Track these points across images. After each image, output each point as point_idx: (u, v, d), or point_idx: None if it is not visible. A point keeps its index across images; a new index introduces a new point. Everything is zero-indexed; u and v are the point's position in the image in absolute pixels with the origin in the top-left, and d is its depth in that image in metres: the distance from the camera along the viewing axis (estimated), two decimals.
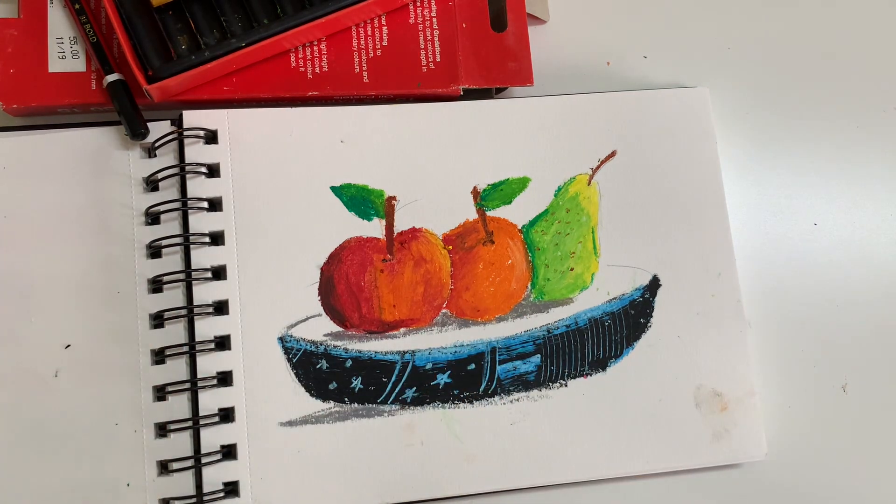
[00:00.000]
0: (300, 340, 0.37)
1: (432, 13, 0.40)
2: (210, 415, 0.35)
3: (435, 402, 0.37)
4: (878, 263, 0.44)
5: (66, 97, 0.36)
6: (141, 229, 0.36)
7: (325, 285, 0.37)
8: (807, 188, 0.44)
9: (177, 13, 0.37)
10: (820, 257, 0.44)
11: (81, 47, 0.37)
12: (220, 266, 0.36)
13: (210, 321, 0.36)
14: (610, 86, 0.42)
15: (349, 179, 0.38)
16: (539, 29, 0.43)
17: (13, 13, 0.37)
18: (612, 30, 0.44)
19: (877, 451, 0.42)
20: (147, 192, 0.37)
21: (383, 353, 0.37)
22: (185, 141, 0.37)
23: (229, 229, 0.37)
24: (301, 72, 0.38)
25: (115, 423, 0.35)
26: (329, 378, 0.37)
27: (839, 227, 0.44)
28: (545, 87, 0.41)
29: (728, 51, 0.45)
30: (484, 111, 0.40)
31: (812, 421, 0.42)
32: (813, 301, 0.43)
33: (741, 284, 0.40)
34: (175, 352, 0.36)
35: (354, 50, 0.39)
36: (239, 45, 0.36)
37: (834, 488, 0.41)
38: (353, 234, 0.38)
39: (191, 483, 0.35)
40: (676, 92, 0.42)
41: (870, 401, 0.42)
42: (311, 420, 0.36)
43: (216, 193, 0.37)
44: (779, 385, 0.42)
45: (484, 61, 0.40)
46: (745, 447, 0.39)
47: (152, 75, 0.35)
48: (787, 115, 0.45)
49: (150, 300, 0.36)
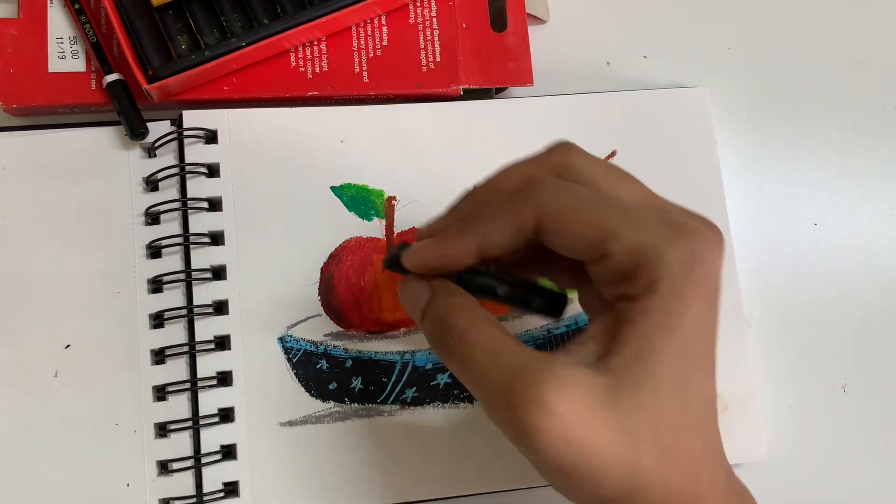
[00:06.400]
0: (300, 340, 0.37)
1: (432, 13, 0.40)
2: (210, 415, 0.35)
3: (435, 402, 0.37)
4: (878, 263, 0.44)
5: (66, 97, 0.36)
6: (141, 229, 0.36)
7: (325, 285, 0.37)
8: (807, 188, 0.44)
9: (177, 13, 0.37)
10: (820, 257, 0.44)
11: (81, 47, 0.37)
12: (220, 266, 0.36)
13: (210, 321, 0.36)
14: (610, 86, 0.42)
15: (349, 179, 0.38)
16: (539, 29, 0.43)
17: (13, 13, 0.37)
18: (612, 30, 0.44)
19: (877, 451, 0.42)
20: (147, 192, 0.37)
21: (383, 353, 0.37)
22: (185, 141, 0.37)
23: (229, 229, 0.37)
24: (301, 72, 0.38)
25: (115, 423, 0.35)
26: (329, 378, 0.37)
27: (839, 227, 0.44)
28: (545, 87, 0.41)
29: (728, 51, 0.45)
30: (484, 111, 0.40)
31: (812, 421, 0.42)
32: (813, 301, 0.43)
33: (741, 284, 0.40)
34: (175, 352, 0.36)
35: (354, 50, 0.39)
36: (239, 44, 0.36)
37: (834, 488, 0.41)
38: (353, 234, 0.38)
39: (191, 483, 0.35)
40: (676, 92, 0.42)
41: (870, 401, 0.42)
42: (311, 420, 0.36)
43: (216, 193, 0.37)
44: (779, 385, 0.42)
45: (484, 61, 0.40)
46: (745, 447, 0.39)
47: (152, 75, 0.35)
48: (787, 115, 0.45)
49: (150, 300, 0.36)
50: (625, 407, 0.25)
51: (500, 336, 0.27)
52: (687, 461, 0.25)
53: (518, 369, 0.25)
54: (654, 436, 0.25)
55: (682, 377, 0.25)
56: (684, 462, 0.25)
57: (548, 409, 0.24)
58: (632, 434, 0.24)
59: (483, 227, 0.27)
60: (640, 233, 0.25)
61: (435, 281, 0.29)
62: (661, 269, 0.25)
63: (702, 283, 0.25)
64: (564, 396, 0.24)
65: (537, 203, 0.27)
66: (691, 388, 0.25)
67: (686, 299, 0.25)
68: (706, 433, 0.26)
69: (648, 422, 0.25)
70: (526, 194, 0.27)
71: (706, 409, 0.26)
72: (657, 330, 0.25)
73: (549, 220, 0.26)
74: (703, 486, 0.25)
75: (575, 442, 0.24)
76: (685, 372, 0.25)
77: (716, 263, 0.26)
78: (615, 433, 0.24)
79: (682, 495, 0.25)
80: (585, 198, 0.26)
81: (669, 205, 0.28)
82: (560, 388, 0.24)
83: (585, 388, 0.25)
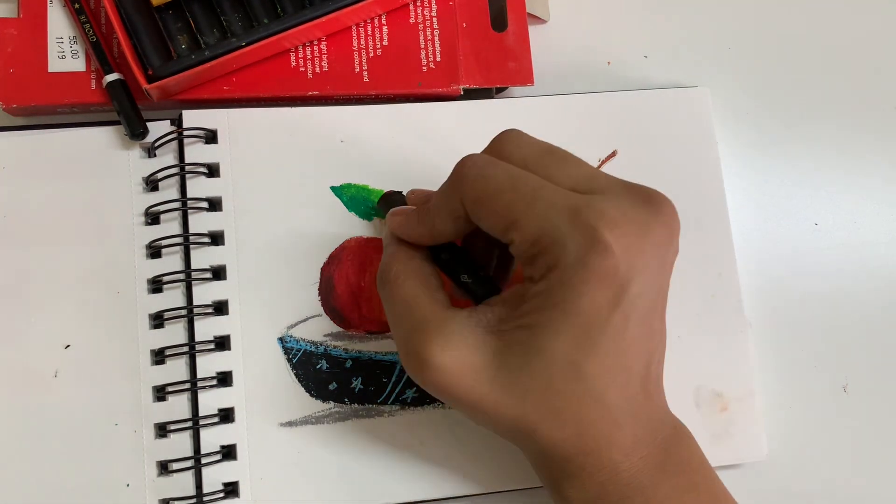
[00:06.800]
0: (300, 340, 0.37)
1: (432, 13, 0.40)
2: (210, 415, 0.35)
3: (435, 403, 0.37)
4: (879, 263, 0.44)
5: (66, 97, 0.36)
6: (141, 229, 0.36)
7: (325, 285, 0.37)
8: (807, 188, 0.44)
9: (177, 12, 0.37)
10: (820, 257, 0.44)
11: (81, 47, 0.37)
12: (220, 266, 0.36)
13: (210, 321, 0.36)
14: (610, 86, 0.42)
15: (349, 179, 0.38)
16: (539, 29, 0.43)
17: (13, 13, 0.37)
18: (612, 30, 0.44)
19: (877, 451, 0.42)
20: (147, 192, 0.37)
21: (383, 354, 0.37)
22: (185, 141, 0.37)
23: (229, 229, 0.37)
24: (301, 71, 0.38)
25: (114, 423, 0.35)
26: (329, 378, 0.37)
27: (839, 227, 0.44)
28: (545, 87, 0.41)
29: (728, 51, 0.45)
30: (484, 111, 0.40)
31: (812, 421, 0.42)
32: (813, 301, 0.43)
33: (741, 284, 0.40)
34: (175, 352, 0.36)
35: (354, 49, 0.39)
36: (239, 44, 0.36)
37: (834, 488, 0.41)
38: (353, 234, 0.38)
39: (191, 483, 0.35)
40: (676, 92, 0.42)
41: (870, 401, 0.42)
42: (311, 420, 0.36)
43: (216, 193, 0.37)
44: (779, 385, 0.42)
45: (484, 61, 0.40)
46: (745, 447, 0.39)
47: (152, 75, 0.35)
48: (787, 115, 0.45)
49: (150, 300, 0.36)
50: (511, 368, 0.28)
51: (418, 289, 0.30)
52: (575, 424, 0.28)
53: (419, 321, 0.29)
54: (542, 399, 0.28)
55: (576, 355, 0.28)
56: (574, 422, 0.28)
57: (429, 362, 0.28)
58: (518, 393, 0.28)
59: (431, 217, 0.31)
60: (540, 223, 0.28)
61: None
62: (556, 258, 0.27)
63: (597, 273, 0.27)
64: (447, 352, 0.28)
65: (461, 190, 0.29)
66: (586, 364, 0.28)
67: (577, 287, 0.27)
68: (605, 400, 0.28)
69: (537, 386, 0.28)
70: (454, 181, 0.30)
71: (606, 381, 0.28)
72: (550, 311, 0.28)
73: (469, 206, 0.29)
74: (593, 443, 0.29)
75: (457, 392, 0.29)
76: (581, 351, 0.28)
77: (628, 249, 0.27)
78: (499, 389, 0.28)
79: (568, 449, 0.29)
80: (500, 184, 0.29)
81: (605, 182, 0.29)
82: (444, 344, 0.28)
83: (469, 347, 0.29)
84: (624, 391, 0.29)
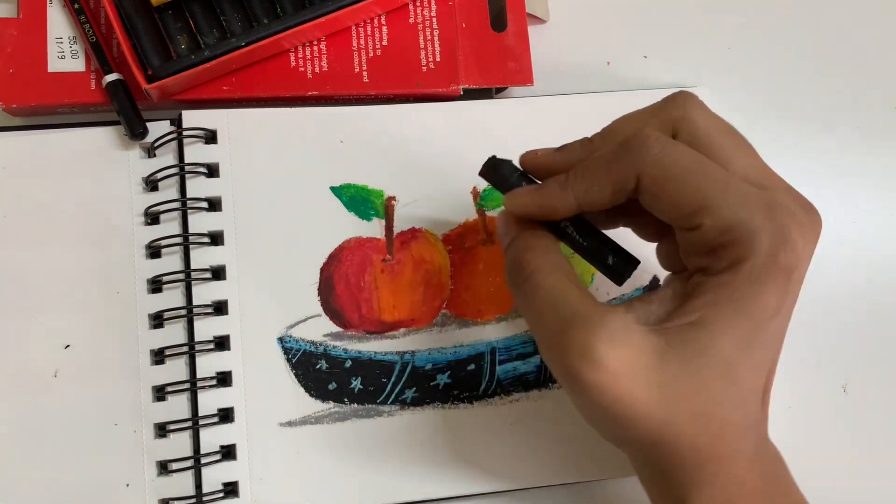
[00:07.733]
0: (300, 340, 0.37)
1: (432, 13, 0.40)
2: (209, 415, 0.35)
3: (435, 403, 0.37)
4: (879, 263, 0.44)
5: (66, 97, 0.36)
6: (140, 229, 0.36)
7: (325, 285, 0.37)
8: (807, 188, 0.44)
9: (176, 13, 0.37)
10: (820, 257, 0.43)
11: (81, 47, 0.37)
12: (220, 266, 0.36)
13: (209, 321, 0.36)
14: (610, 86, 0.42)
15: (349, 179, 0.38)
16: (539, 29, 0.43)
17: (13, 13, 0.37)
18: (612, 30, 0.44)
19: (877, 451, 0.42)
20: (146, 192, 0.37)
21: (383, 354, 0.37)
22: (185, 141, 0.37)
23: (229, 229, 0.37)
24: (301, 71, 0.38)
25: (114, 423, 0.35)
26: (329, 378, 0.37)
27: (839, 227, 0.44)
28: (545, 87, 0.41)
29: (728, 51, 0.45)
30: (484, 111, 0.40)
31: (812, 421, 0.42)
32: (813, 301, 0.43)
33: None
34: (175, 352, 0.36)
35: (354, 50, 0.39)
36: (239, 44, 0.36)
37: (834, 488, 0.41)
38: (353, 234, 0.38)
39: (190, 483, 0.35)
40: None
41: (870, 401, 0.42)
42: (310, 420, 0.36)
43: (216, 193, 0.37)
44: (779, 385, 0.42)
45: (484, 61, 0.40)
46: None
47: (152, 75, 0.35)
48: (787, 115, 0.45)
49: (150, 300, 0.36)
50: (671, 370, 0.26)
51: (565, 282, 0.28)
52: (719, 428, 0.26)
53: (574, 316, 0.27)
54: (693, 401, 0.26)
55: (734, 356, 0.26)
56: (716, 428, 0.26)
57: (594, 360, 0.26)
58: (672, 396, 0.26)
59: (586, 185, 0.28)
60: (736, 211, 0.26)
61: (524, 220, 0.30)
62: (747, 250, 0.26)
63: (783, 272, 0.26)
64: (612, 350, 0.26)
65: (640, 164, 0.27)
66: (740, 366, 0.26)
67: (762, 285, 0.25)
68: (745, 406, 0.27)
69: (690, 388, 0.26)
70: (630, 153, 0.27)
71: (751, 384, 0.27)
72: (723, 308, 0.26)
73: (648, 182, 0.27)
74: (728, 449, 0.27)
75: (615, 393, 0.26)
76: (740, 352, 0.26)
77: (804, 252, 0.26)
78: (656, 392, 0.26)
79: (705, 454, 0.27)
80: (688, 165, 0.27)
81: (776, 181, 0.28)
82: (609, 341, 0.26)
83: (634, 346, 0.26)
84: (757, 397, 0.28)
